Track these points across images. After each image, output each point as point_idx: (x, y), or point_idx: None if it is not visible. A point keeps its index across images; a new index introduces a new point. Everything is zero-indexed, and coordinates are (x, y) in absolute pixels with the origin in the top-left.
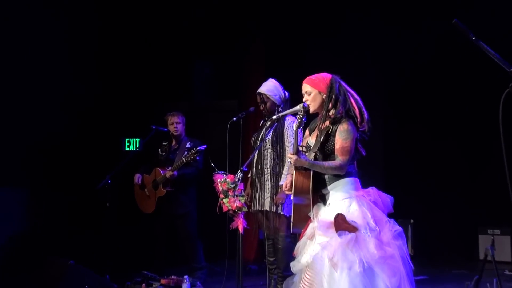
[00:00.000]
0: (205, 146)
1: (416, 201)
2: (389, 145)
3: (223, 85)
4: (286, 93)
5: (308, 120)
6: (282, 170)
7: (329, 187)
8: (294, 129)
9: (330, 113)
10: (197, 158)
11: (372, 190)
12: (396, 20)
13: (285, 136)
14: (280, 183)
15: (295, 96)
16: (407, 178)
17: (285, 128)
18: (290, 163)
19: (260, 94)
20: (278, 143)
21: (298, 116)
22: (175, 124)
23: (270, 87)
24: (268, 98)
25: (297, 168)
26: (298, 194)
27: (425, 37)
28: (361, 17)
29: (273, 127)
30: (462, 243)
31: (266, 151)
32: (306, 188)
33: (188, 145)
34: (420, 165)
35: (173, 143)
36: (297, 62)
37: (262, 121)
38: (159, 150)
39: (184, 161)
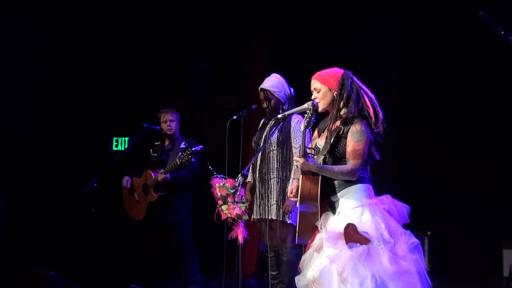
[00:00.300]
0: (201, 146)
1: (434, 211)
2: (405, 149)
3: (221, 79)
4: (292, 89)
5: (317, 119)
6: (289, 174)
7: (339, 194)
8: (302, 129)
9: (342, 113)
10: (192, 159)
11: (386, 198)
12: (414, 14)
13: (292, 137)
14: (287, 188)
15: (301, 94)
16: (424, 186)
17: (291, 128)
18: (297, 166)
19: (263, 90)
20: (285, 144)
21: (306, 115)
22: (169, 122)
23: (274, 83)
24: (272, 95)
25: (304, 173)
26: (305, 201)
27: (447, 33)
28: (377, 8)
29: (278, 127)
30: (485, 258)
31: (271, 153)
32: (314, 195)
33: (182, 146)
34: (439, 171)
35: (166, 143)
36: (304, 56)
37: (263, 120)
38: (151, 150)
39: (178, 163)
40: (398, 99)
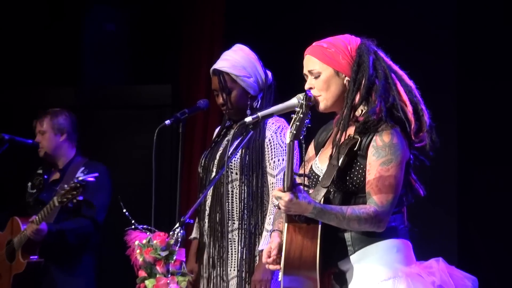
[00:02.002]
0: (95, 174)
1: None
2: (470, 177)
3: (143, 57)
4: (269, 73)
5: (313, 125)
6: (263, 222)
7: (353, 257)
8: (287, 141)
9: (358, 113)
10: (79, 198)
11: (437, 264)
12: None
13: (266, 157)
14: (259, 247)
15: (287, 83)
16: (504, 242)
17: (266, 141)
18: (278, 208)
19: (218, 73)
20: (254, 169)
21: (294, 117)
22: (38, 136)
23: (238, 62)
24: (234, 82)
25: (291, 219)
26: (293, 271)
27: None
28: None
29: (246, 140)
30: None
31: (230, 185)
32: (309, 259)
33: (80, 174)
34: None
35: (54, 171)
36: (290, 17)
37: (220, 128)
38: (29, 184)
39: (56, 204)
40: (455, 91)
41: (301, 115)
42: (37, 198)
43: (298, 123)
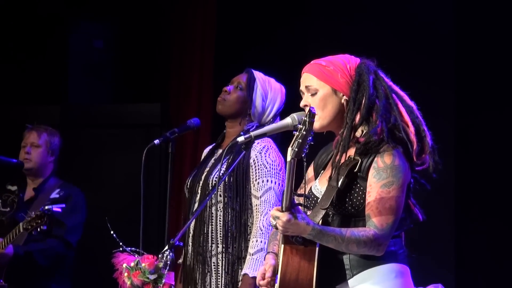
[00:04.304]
0: (62, 206)
1: None
2: (468, 202)
3: (131, 74)
4: (278, 116)
5: (312, 145)
6: (244, 247)
7: (351, 281)
8: (288, 159)
9: (358, 133)
10: (44, 227)
11: None
12: None
13: (251, 177)
14: (243, 271)
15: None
16: (501, 269)
17: (251, 161)
18: (275, 228)
19: (249, 74)
20: (239, 191)
21: (297, 134)
22: (29, 147)
23: (269, 84)
24: (250, 89)
25: (287, 240)
26: None
27: None
28: None
29: (236, 161)
30: None
31: (214, 208)
32: (305, 282)
33: (54, 195)
34: None
35: (29, 189)
36: (280, 35)
37: (211, 146)
38: (0, 201)
39: (21, 231)
40: (461, 112)
41: (304, 132)
42: (12, 217)
43: (300, 141)
